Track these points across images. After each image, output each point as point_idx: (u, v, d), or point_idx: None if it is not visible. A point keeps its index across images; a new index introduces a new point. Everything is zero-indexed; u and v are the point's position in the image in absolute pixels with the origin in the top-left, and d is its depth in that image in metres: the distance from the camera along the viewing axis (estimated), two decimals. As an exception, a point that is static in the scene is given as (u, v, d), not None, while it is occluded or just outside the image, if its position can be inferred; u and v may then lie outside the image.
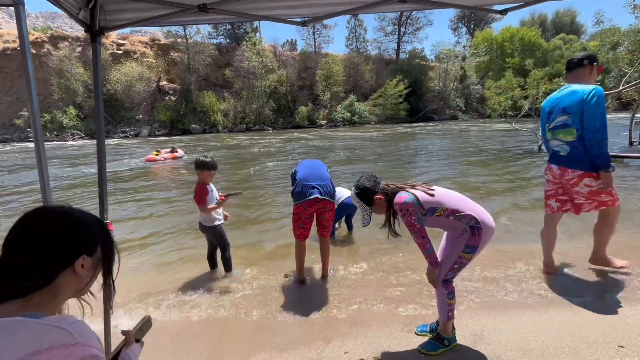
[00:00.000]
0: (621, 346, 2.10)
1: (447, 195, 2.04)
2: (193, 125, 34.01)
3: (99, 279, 0.89)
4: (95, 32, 1.94)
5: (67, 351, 0.65)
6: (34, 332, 0.65)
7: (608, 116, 2.70)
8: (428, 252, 2.03)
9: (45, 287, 0.74)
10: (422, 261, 2.57)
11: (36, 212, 0.78)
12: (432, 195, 1.98)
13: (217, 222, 3.31)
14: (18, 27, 1.55)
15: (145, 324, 1.13)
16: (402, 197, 1.96)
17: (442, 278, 2.08)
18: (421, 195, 1.97)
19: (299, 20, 2.00)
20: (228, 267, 3.46)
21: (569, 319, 2.44)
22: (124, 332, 1.01)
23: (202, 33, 39.82)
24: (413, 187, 2.05)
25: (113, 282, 0.89)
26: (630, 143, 12.77)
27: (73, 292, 0.80)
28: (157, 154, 13.61)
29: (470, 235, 1.99)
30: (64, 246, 0.76)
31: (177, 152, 14.05)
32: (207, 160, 3.19)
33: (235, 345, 2.38)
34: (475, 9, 1.89)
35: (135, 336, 1.05)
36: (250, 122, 35.74)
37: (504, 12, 1.89)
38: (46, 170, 1.63)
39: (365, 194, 2.05)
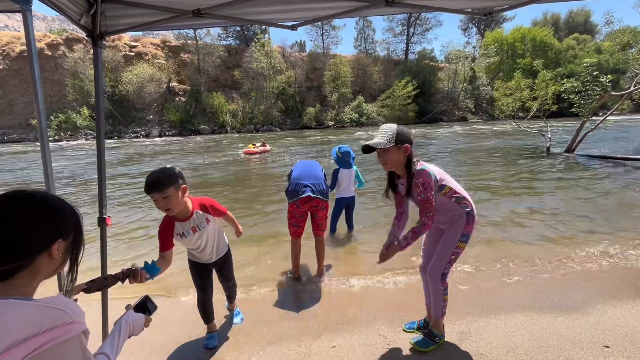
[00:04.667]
0: (607, 346, 2.11)
1: (449, 176, 2.05)
2: (202, 126, 34.48)
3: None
4: (96, 36, 2.05)
5: (66, 329, 0.70)
6: (30, 314, 0.67)
7: (625, 117, 2.68)
8: (417, 237, 1.94)
9: (25, 270, 0.75)
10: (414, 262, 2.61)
11: (15, 196, 0.78)
12: (442, 169, 2.00)
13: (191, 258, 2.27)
14: (25, 31, 1.66)
15: (147, 302, 1.28)
16: (425, 170, 1.89)
17: (441, 272, 2.07)
18: (437, 170, 1.97)
19: (288, 24, 2.07)
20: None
21: (557, 319, 2.45)
22: (126, 307, 1.20)
23: (211, 35, 40.35)
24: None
25: (77, 269, 0.90)
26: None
27: (46, 276, 0.82)
28: (253, 147, 14.99)
29: (465, 223, 1.99)
30: (44, 229, 0.78)
31: (266, 145, 15.52)
32: (149, 177, 1.77)
33: (229, 340, 2.45)
34: (459, 12, 1.93)
35: (135, 310, 1.21)
36: (258, 123, 36.06)
37: (488, 14, 1.93)
38: (50, 167, 1.73)
39: (402, 134, 1.92)
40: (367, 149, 1.97)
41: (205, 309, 2.34)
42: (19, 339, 0.63)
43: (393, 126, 1.96)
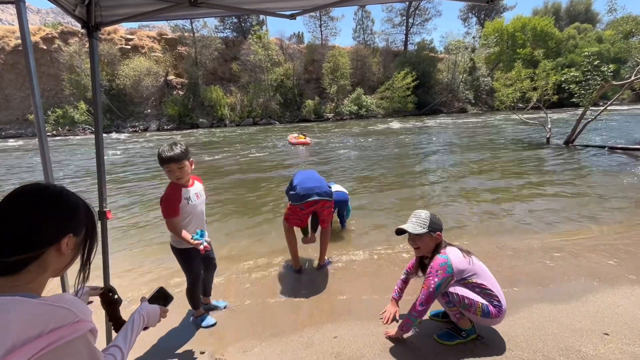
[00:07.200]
0: (606, 334, 2.13)
1: (482, 268, 2.06)
2: (201, 120, 34.26)
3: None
4: (91, 27, 2.01)
5: (72, 328, 0.69)
6: (36, 313, 0.66)
7: (625, 107, 2.66)
8: (413, 317, 2.03)
9: (34, 263, 0.74)
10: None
11: (30, 187, 0.78)
12: (470, 262, 2.01)
13: (186, 245, 2.23)
14: (19, 23, 1.63)
15: (162, 294, 1.31)
16: (440, 259, 1.99)
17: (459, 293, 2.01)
18: (459, 262, 1.99)
19: (287, 13, 2.03)
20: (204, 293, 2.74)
21: (557, 307, 2.47)
22: (141, 298, 1.23)
23: (208, 27, 39.82)
24: (460, 249, 2.08)
25: (89, 268, 0.89)
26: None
27: (55, 271, 0.81)
28: (303, 138, 15.23)
29: (491, 306, 1.99)
30: (54, 222, 0.77)
31: (306, 138, 15.77)
32: (162, 150, 2.10)
33: (232, 332, 2.47)
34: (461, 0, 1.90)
35: (150, 302, 1.24)
36: (257, 116, 35.84)
37: (490, 2, 1.89)
38: (49, 162, 1.72)
39: (435, 223, 2.08)
40: (401, 232, 2.11)
41: (196, 295, 2.50)
42: (22, 339, 0.62)
43: (427, 213, 2.10)
